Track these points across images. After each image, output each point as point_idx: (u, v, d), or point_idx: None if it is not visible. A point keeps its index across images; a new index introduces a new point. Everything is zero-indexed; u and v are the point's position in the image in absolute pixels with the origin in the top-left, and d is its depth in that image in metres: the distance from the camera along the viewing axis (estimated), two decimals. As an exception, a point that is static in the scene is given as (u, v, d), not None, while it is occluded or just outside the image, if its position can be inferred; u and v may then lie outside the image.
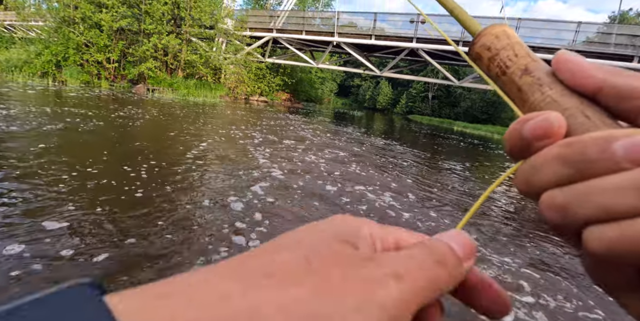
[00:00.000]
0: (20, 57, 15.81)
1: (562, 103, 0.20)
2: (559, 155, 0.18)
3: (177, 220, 2.81)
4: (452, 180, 6.19)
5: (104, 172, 3.73)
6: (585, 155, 0.17)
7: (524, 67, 0.23)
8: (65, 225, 2.45)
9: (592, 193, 0.17)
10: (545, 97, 0.21)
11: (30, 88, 11.57)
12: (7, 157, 3.78)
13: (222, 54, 19.66)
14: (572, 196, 0.17)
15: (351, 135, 11.30)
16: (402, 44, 17.07)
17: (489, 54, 0.24)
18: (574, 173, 0.17)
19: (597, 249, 0.16)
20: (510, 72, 0.23)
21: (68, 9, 15.86)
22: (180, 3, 17.60)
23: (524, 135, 0.20)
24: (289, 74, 27.66)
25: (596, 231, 0.16)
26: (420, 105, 44.51)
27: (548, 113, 0.19)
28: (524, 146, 0.20)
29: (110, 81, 16.93)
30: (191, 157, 4.96)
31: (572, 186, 0.17)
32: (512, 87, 0.23)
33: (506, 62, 0.23)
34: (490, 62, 0.24)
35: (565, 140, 0.19)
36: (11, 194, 2.84)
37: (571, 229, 0.18)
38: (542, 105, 0.21)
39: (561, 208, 0.18)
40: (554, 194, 0.18)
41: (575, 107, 0.20)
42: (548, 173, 0.18)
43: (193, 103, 14.24)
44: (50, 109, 7.39)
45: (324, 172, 5.18)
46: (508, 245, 3.34)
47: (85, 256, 2.13)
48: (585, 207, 0.17)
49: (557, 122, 0.19)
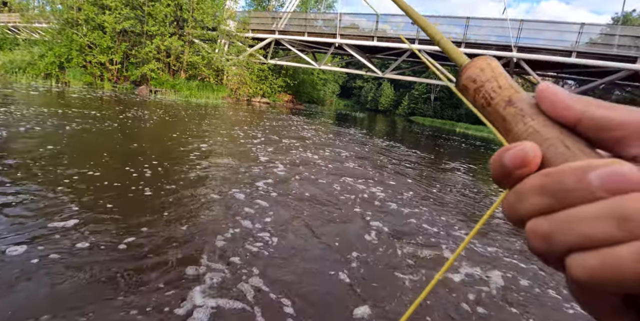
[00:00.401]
0: (24, 58, 15.91)
1: (544, 133, 0.21)
2: (539, 185, 0.19)
3: (188, 210, 2.87)
4: (454, 180, 6.18)
5: (112, 170, 3.81)
6: (563, 184, 0.18)
7: (508, 98, 0.23)
8: (75, 222, 2.50)
9: (571, 221, 0.17)
10: (527, 128, 0.22)
11: (33, 89, 11.63)
12: (19, 157, 3.84)
13: (224, 55, 19.70)
14: (555, 224, 0.18)
15: (353, 136, 11.30)
16: (404, 46, 17.06)
17: (474, 85, 0.25)
18: (554, 202, 0.18)
19: (580, 276, 0.17)
20: (494, 103, 0.24)
21: (71, 11, 15.96)
22: (183, 5, 17.67)
23: (504, 163, 0.20)
24: (291, 75, 27.68)
25: (578, 258, 0.17)
26: (423, 106, 44.45)
27: (524, 144, 0.20)
28: (505, 174, 0.21)
29: (113, 82, 16.99)
30: (195, 157, 5.02)
31: (554, 215, 0.18)
32: (497, 117, 0.24)
33: (490, 93, 0.24)
34: (476, 93, 0.25)
35: (545, 171, 0.19)
36: (28, 190, 2.90)
37: (555, 256, 0.18)
38: (525, 135, 0.21)
39: (545, 236, 0.18)
40: (538, 223, 0.19)
41: (555, 137, 0.20)
42: (531, 202, 0.19)
43: (195, 105, 14.27)
44: (55, 111, 7.43)
45: (326, 171, 5.18)
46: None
47: (103, 245, 2.26)
48: (567, 235, 0.17)
49: (532, 152, 0.20)
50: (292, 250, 2.61)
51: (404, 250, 2.89)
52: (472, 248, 3.14)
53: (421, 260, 2.78)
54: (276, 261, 2.40)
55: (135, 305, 1.75)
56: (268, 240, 2.70)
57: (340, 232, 3.09)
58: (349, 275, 2.35)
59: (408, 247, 2.95)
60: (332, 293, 2.15)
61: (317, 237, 2.90)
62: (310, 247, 2.71)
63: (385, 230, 3.26)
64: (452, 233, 3.50)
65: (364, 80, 56.53)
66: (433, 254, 2.90)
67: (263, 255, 2.45)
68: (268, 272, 2.23)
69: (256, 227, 2.89)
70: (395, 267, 2.58)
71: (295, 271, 2.32)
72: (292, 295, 2.04)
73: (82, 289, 1.81)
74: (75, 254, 2.12)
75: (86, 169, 3.71)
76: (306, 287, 2.16)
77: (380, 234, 3.15)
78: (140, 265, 2.10)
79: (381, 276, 2.43)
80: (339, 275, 2.34)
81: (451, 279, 2.53)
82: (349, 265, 2.49)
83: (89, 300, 1.74)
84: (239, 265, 2.27)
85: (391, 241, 3.02)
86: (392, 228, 3.35)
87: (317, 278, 2.30)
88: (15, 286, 1.77)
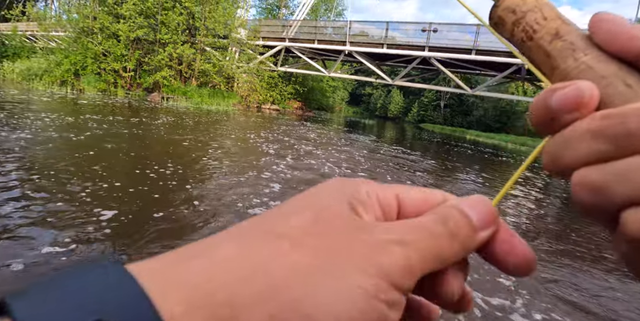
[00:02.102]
0: (41, 66, 16.31)
1: (599, 70, 0.18)
2: (596, 129, 0.16)
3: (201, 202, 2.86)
4: (463, 187, 6.10)
5: (132, 172, 3.92)
6: (625, 128, 0.16)
7: (555, 30, 0.20)
8: (113, 213, 2.65)
9: (634, 171, 0.15)
10: (579, 64, 0.19)
11: (49, 96, 11.88)
12: (42, 160, 3.95)
13: (235, 62, 19.95)
14: (611, 175, 0.16)
15: (363, 143, 11.28)
16: (414, 53, 17.07)
17: (513, 17, 0.22)
18: (613, 149, 0.16)
19: (638, 233, 0.15)
20: (538, 37, 0.21)
21: (87, 20, 16.36)
22: (195, 13, 17.98)
23: (552, 106, 0.18)
24: (301, 82, 27.86)
25: (638, 213, 0.15)
26: (432, 113, 44.29)
27: (579, 83, 0.18)
28: (551, 118, 0.18)
29: (126, 89, 17.29)
30: (209, 160, 5.10)
31: (611, 163, 0.16)
32: (539, 53, 0.21)
33: (533, 25, 0.21)
34: (514, 27, 0.22)
35: (603, 112, 0.17)
36: (53, 190, 3.01)
37: (607, 211, 0.16)
38: (576, 72, 0.19)
39: (597, 188, 0.16)
40: (589, 172, 0.16)
41: (614, 75, 0.18)
42: (582, 149, 0.17)
43: (207, 111, 14.44)
44: (71, 117, 7.57)
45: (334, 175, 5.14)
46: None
47: (125, 233, 2.48)
48: (625, 187, 0.15)
49: (589, 92, 0.17)
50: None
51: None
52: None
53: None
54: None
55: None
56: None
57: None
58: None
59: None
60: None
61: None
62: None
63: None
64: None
65: (373, 88, 56.63)
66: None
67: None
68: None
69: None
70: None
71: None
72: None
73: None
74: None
75: (113, 170, 3.82)
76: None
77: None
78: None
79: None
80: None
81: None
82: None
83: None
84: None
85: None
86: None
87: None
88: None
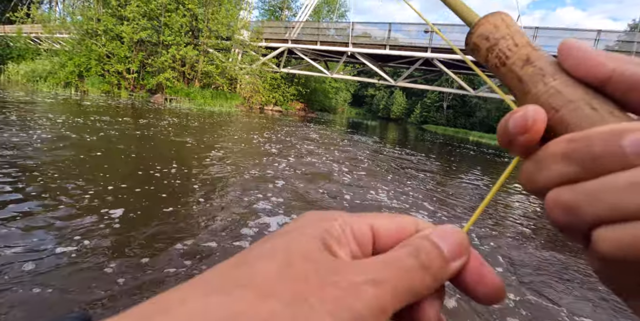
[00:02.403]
0: (45, 68, 16.41)
1: (567, 94, 0.19)
2: (563, 152, 0.17)
3: (209, 205, 2.87)
4: (464, 187, 6.08)
5: (138, 171, 3.95)
6: (591, 151, 0.16)
7: (526, 57, 0.21)
8: (122, 210, 2.61)
9: (600, 191, 0.16)
10: (548, 88, 0.20)
11: (54, 97, 11.95)
12: (48, 161, 3.98)
13: (238, 64, 20.00)
14: (581, 195, 0.16)
15: (365, 143, 11.27)
16: (416, 54, 17.07)
17: (487, 44, 0.23)
18: (580, 170, 0.16)
19: (608, 251, 0.15)
20: (510, 63, 0.22)
21: (91, 22, 16.46)
22: (198, 15, 18.06)
23: (509, 129, 0.19)
24: (304, 83, 27.88)
25: (606, 232, 0.15)
26: (435, 114, 44.21)
27: (528, 107, 0.19)
28: (509, 140, 0.19)
29: (130, 91, 17.37)
30: (213, 160, 5.15)
31: (581, 184, 0.16)
32: (512, 78, 0.22)
33: (506, 52, 0.22)
34: (488, 53, 0.23)
35: (570, 136, 0.18)
36: (65, 188, 3.02)
37: (579, 230, 0.17)
38: (545, 97, 0.20)
39: (569, 207, 0.17)
40: (561, 193, 0.17)
41: (581, 99, 0.19)
42: (553, 170, 0.18)
43: (210, 113, 14.49)
44: (76, 118, 7.61)
45: (338, 176, 5.16)
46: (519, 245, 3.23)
47: (134, 229, 2.54)
48: (594, 207, 0.16)
49: (533, 116, 0.18)
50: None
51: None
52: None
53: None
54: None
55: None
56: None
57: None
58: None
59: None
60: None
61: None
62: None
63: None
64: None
65: (376, 89, 56.62)
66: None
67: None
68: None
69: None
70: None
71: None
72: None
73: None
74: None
75: (120, 172, 3.85)
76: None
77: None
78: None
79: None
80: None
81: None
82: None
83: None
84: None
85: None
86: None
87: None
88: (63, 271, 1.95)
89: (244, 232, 2.87)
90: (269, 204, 3.64)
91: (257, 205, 3.57)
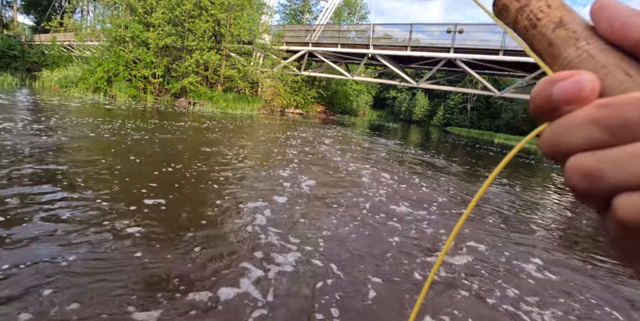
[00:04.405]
0: (77, 74, 17.10)
1: (600, 59, 0.18)
2: (594, 118, 0.17)
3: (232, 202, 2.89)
4: (491, 191, 5.89)
5: (168, 169, 4.11)
6: (622, 118, 0.16)
7: (558, 19, 0.20)
8: (152, 202, 2.61)
9: (628, 159, 0.15)
10: (580, 53, 0.19)
11: (85, 102, 12.41)
12: (81, 161, 4.15)
13: (259, 68, 20.24)
14: (606, 161, 0.16)
15: (387, 145, 11.14)
16: (439, 55, 16.77)
17: (517, 4, 0.22)
18: (609, 137, 0.16)
19: (629, 218, 0.15)
20: (541, 25, 0.21)
21: (119, 29, 17.02)
22: (221, 20, 18.40)
23: (553, 97, 0.18)
24: (324, 86, 27.92)
25: (629, 199, 0.15)
26: (459, 116, 43.32)
27: (581, 75, 0.18)
28: (552, 109, 0.18)
29: (155, 95, 17.85)
30: (238, 158, 5.29)
31: (606, 151, 0.16)
32: (542, 41, 0.21)
33: (537, 13, 0.21)
34: (518, 14, 0.22)
35: (601, 101, 0.17)
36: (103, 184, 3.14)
37: (599, 196, 0.16)
38: (577, 61, 0.19)
39: (591, 173, 0.16)
40: (584, 158, 0.17)
41: (614, 64, 0.18)
42: (579, 136, 0.17)
43: (232, 116, 14.73)
44: (107, 121, 7.88)
45: (362, 181, 5.09)
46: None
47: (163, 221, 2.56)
48: (619, 174, 0.15)
49: (591, 85, 0.17)
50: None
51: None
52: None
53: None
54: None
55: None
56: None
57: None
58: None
59: (430, 252, 2.80)
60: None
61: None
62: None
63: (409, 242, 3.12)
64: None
65: (397, 91, 56.05)
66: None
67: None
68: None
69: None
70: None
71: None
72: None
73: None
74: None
75: (157, 169, 4.03)
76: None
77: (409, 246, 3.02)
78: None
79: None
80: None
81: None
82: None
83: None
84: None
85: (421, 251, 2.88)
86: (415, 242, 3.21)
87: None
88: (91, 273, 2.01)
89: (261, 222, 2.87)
90: (291, 195, 3.62)
91: (280, 196, 3.56)
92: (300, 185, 4.50)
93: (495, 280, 2.62)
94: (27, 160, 3.99)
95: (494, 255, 3.10)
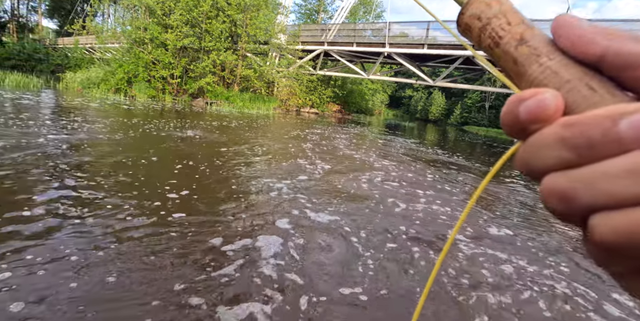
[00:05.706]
0: (98, 75, 17.57)
1: (563, 75, 0.18)
2: (560, 138, 0.16)
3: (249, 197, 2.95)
4: (506, 189, 5.78)
5: (188, 165, 4.24)
6: (587, 137, 0.15)
7: (519, 35, 0.20)
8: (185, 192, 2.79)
9: (596, 178, 0.15)
10: (543, 69, 0.19)
11: (107, 102, 12.74)
12: (108, 159, 4.30)
13: (275, 67, 20.36)
14: (577, 181, 0.16)
15: (404, 144, 11.05)
16: (456, 52, 16.51)
17: (479, 24, 0.22)
18: (577, 157, 0.16)
19: (603, 238, 0.15)
20: (504, 43, 0.21)
21: (139, 31, 17.40)
22: (237, 21, 18.58)
23: (520, 117, 0.18)
24: (340, 85, 27.86)
25: (602, 219, 0.15)
26: (476, 115, 42.55)
27: (544, 93, 0.17)
28: (520, 129, 0.18)
29: (173, 95, 18.17)
30: (257, 154, 5.59)
31: (576, 170, 0.16)
32: (507, 59, 0.21)
33: (499, 31, 0.21)
34: (481, 33, 0.22)
35: (565, 120, 0.17)
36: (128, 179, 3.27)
37: (577, 217, 0.16)
38: (541, 78, 0.19)
39: (564, 195, 0.16)
40: (557, 179, 0.16)
41: (578, 79, 0.18)
42: (549, 156, 0.17)
43: (248, 115, 14.90)
44: (132, 121, 8.08)
45: (379, 180, 5.07)
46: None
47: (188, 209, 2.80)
48: (590, 194, 0.15)
49: (555, 103, 0.17)
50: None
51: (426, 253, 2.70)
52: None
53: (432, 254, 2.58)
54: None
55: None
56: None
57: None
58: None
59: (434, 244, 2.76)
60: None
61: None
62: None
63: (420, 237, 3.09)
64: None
65: (413, 90, 55.48)
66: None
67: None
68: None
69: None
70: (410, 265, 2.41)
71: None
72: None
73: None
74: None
75: (178, 165, 4.20)
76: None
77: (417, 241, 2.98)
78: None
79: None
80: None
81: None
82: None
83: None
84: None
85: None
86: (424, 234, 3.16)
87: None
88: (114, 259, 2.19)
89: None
90: (305, 190, 3.63)
91: (296, 193, 3.58)
92: (319, 172, 4.56)
93: (503, 275, 2.57)
94: (67, 155, 4.29)
95: (500, 249, 3.04)
